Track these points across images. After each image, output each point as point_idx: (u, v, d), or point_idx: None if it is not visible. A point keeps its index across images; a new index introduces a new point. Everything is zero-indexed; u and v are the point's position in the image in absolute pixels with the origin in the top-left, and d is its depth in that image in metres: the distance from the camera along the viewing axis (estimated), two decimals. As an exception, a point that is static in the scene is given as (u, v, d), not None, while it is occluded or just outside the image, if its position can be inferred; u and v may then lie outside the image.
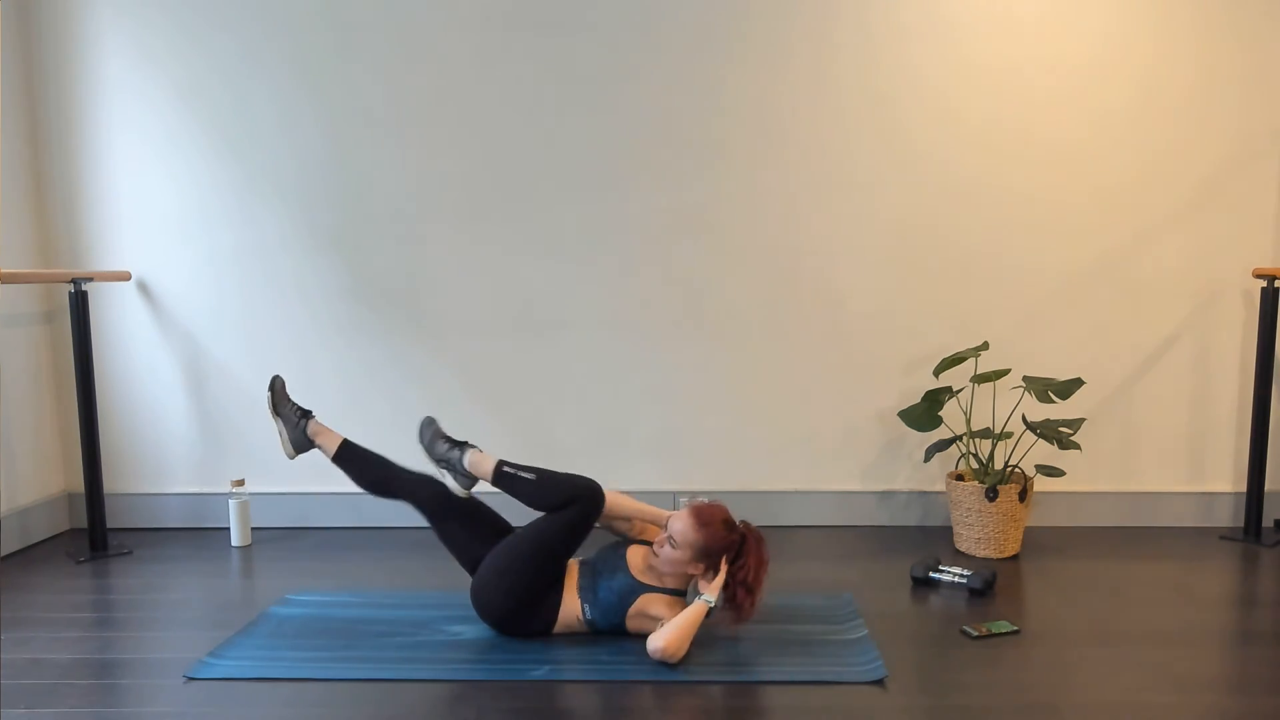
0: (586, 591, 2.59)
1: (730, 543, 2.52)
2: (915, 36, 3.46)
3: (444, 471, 2.68)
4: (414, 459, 2.80)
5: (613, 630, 2.58)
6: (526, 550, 2.55)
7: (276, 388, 2.92)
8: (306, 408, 2.94)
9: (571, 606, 2.59)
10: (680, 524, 2.51)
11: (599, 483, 2.60)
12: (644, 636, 2.55)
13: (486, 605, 2.58)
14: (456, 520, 2.69)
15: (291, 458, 2.89)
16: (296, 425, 2.86)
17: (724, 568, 2.52)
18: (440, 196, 3.57)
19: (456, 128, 3.54)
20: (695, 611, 2.46)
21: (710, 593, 2.50)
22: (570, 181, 3.55)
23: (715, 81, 3.49)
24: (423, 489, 2.72)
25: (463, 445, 2.68)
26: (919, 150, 3.51)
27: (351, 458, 2.82)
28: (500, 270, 3.60)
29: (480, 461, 2.64)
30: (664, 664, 2.41)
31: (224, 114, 3.55)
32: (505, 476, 2.61)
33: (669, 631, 2.42)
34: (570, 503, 2.55)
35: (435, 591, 2.95)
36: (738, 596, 2.50)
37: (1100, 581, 3.04)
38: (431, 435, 2.72)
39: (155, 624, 2.74)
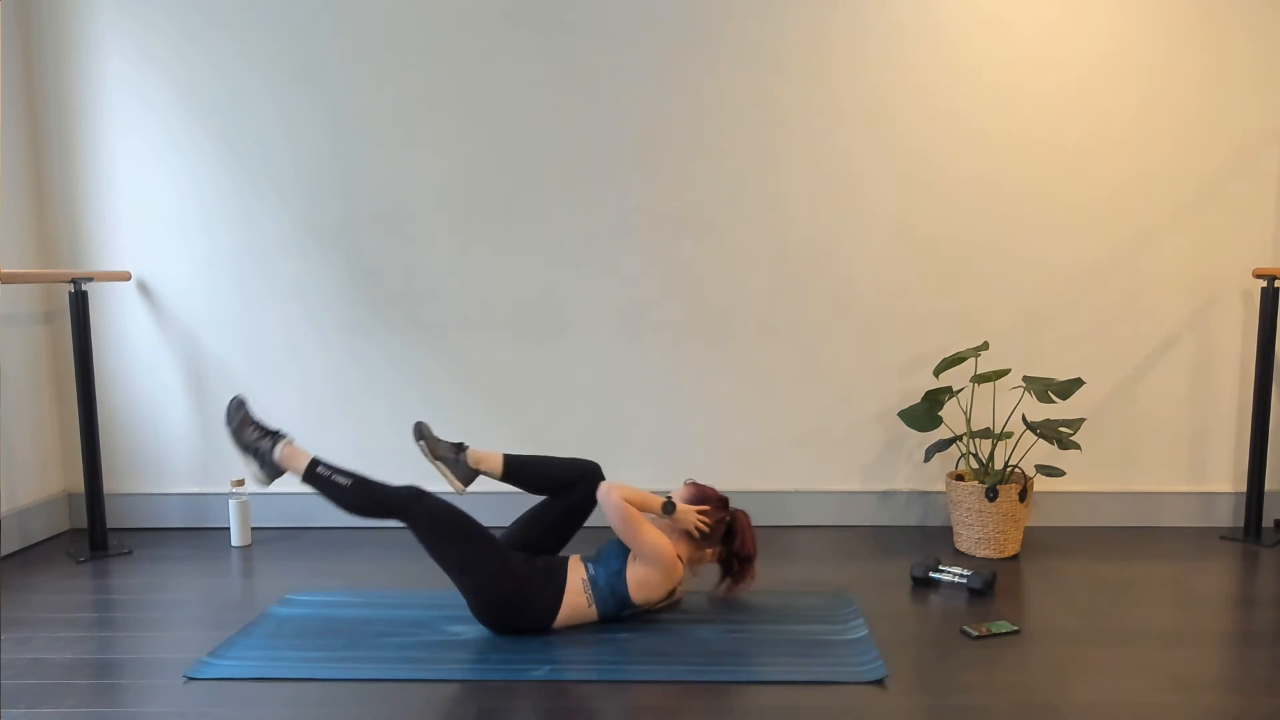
0: (589, 558, 2.68)
1: (719, 499, 2.77)
2: (913, 36, 3.46)
3: (249, 459, 2.62)
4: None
5: (613, 590, 2.60)
6: (454, 559, 2.54)
7: (427, 435, 2.77)
8: (457, 441, 2.82)
9: (576, 572, 2.63)
10: (678, 488, 2.82)
11: (419, 488, 2.59)
12: (646, 612, 2.67)
13: (478, 612, 2.60)
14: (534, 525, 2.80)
15: (461, 494, 2.81)
16: (457, 462, 2.76)
17: (705, 508, 2.71)
18: (440, 197, 3.57)
19: (456, 128, 3.54)
20: (653, 497, 2.64)
21: (677, 500, 2.70)
22: (570, 181, 3.55)
23: (716, 81, 3.49)
24: (589, 473, 2.79)
25: (276, 435, 2.63)
26: (918, 151, 3.51)
27: (518, 470, 2.78)
28: (500, 270, 3.60)
29: (292, 455, 2.60)
30: (602, 503, 2.57)
31: (224, 114, 3.55)
32: (318, 477, 2.58)
33: (622, 487, 2.58)
34: (396, 515, 2.54)
35: (435, 591, 2.95)
36: (742, 570, 2.77)
37: (1100, 581, 3.04)
38: (240, 420, 2.63)
39: (155, 624, 2.74)
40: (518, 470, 2.80)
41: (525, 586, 2.57)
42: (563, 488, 2.79)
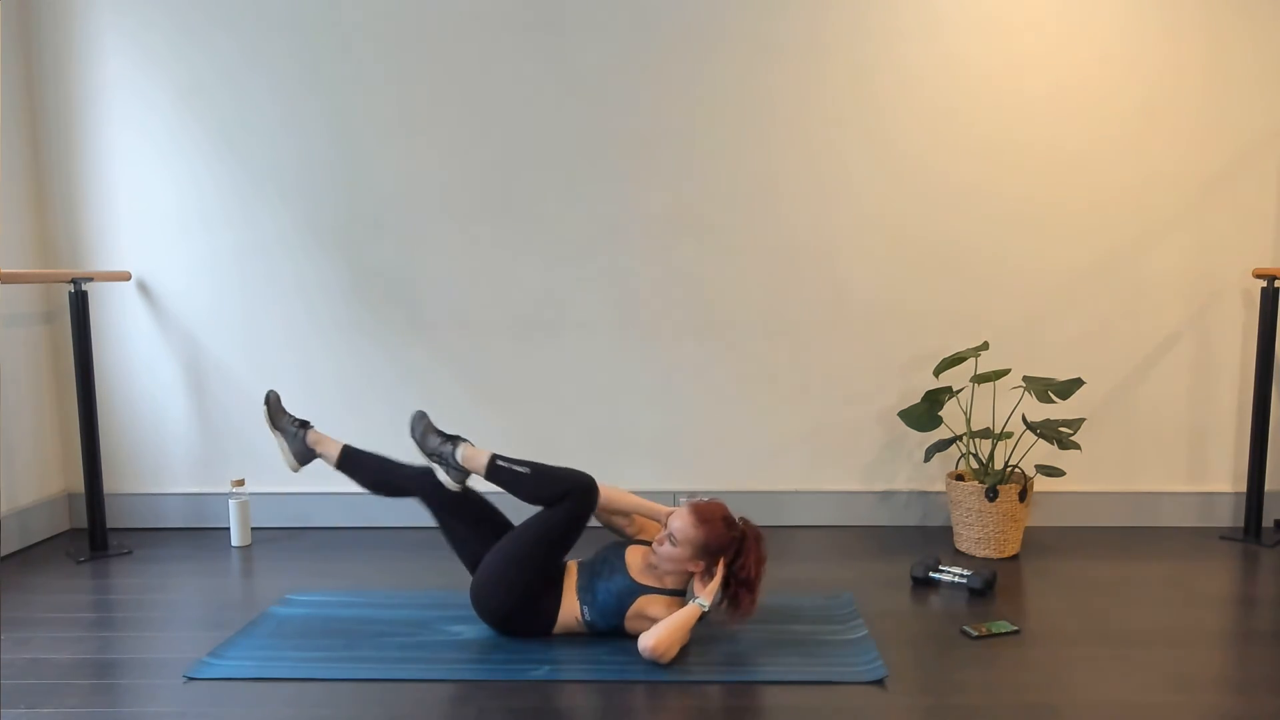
0: (585, 593, 2.58)
1: (730, 540, 2.52)
2: (914, 38, 3.46)
3: (436, 466, 2.67)
4: (414, 457, 2.78)
5: (612, 632, 2.57)
6: (524, 550, 2.55)
7: (271, 402, 2.90)
8: (303, 418, 2.93)
9: (570, 608, 2.58)
10: (680, 521, 2.50)
11: (593, 476, 2.60)
12: None
13: (485, 605, 2.58)
14: (460, 516, 2.70)
15: (295, 470, 2.88)
16: (296, 436, 2.86)
17: (721, 569, 2.52)
18: (441, 196, 3.57)
19: (456, 127, 3.54)
20: (688, 613, 2.46)
21: (705, 596, 2.48)
22: (571, 181, 3.55)
23: (716, 82, 3.49)
24: (428, 483, 2.71)
25: (455, 439, 2.67)
26: (919, 151, 3.51)
27: (354, 463, 2.82)
28: (500, 270, 3.60)
29: (474, 456, 2.63)
30: (655, 664, 2.42)
31: (224, 113, 3.55)
32: (499, 471, 2.60)
33: (660, 631, 2.42)
34: (564, 497, 2.55)
35: (435, 591, 2.95)
36: (738, 595, 2.50)
37: (1100, 581, 3.04)
38: (424, 429, 2.70)
39: (155, 624, 2.74)
40: (354, 463, 2.81)
41: (533, 606, 2.57)
42: (396, 491, 2.76)
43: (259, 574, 3.19)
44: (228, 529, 3.63)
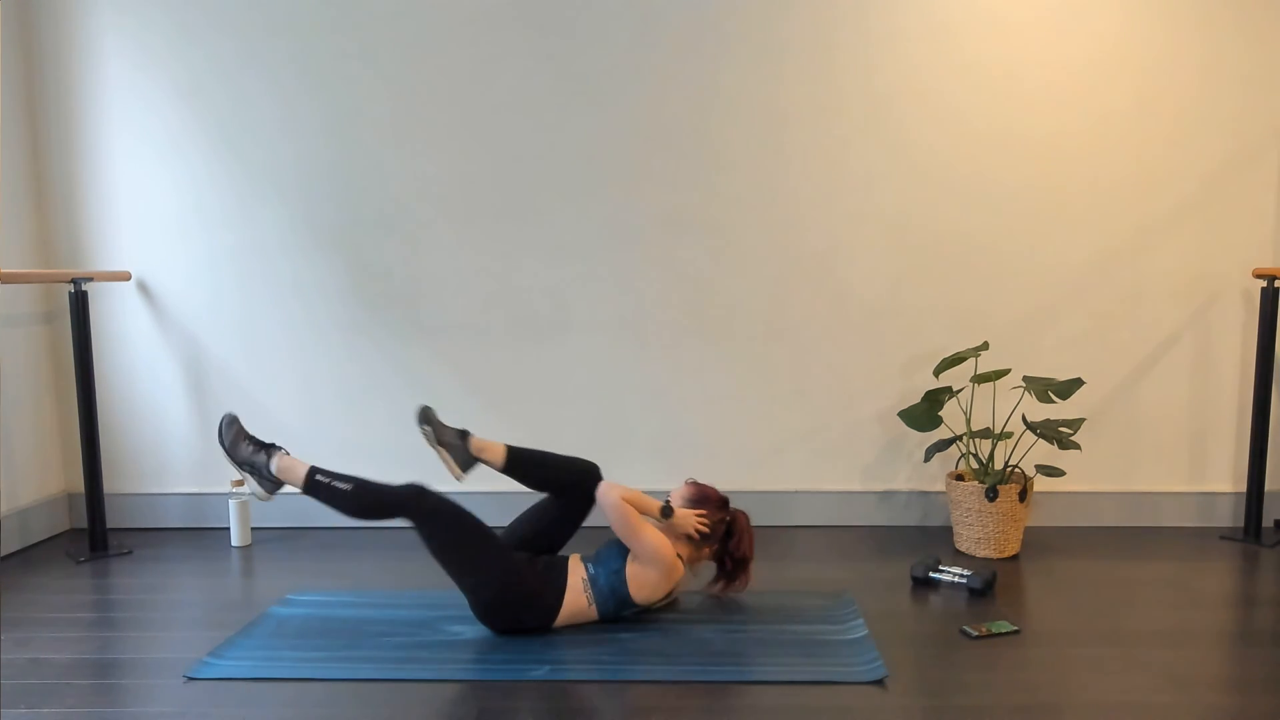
0: (588, 558, 2.68)
1: (720, 498, 2.77)
2: (914, 36, 3.46)
3: (246, 475, 2.65)
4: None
5: (614, 591, 2.60)
6: (456, 562, 2.55)
7: (433, 420, 2.78)
8: (463, 429, 2.83)
9: (576, 572, 2.63)
10: (678, 487, 2.81)
11: (420, 485, 2.59)
12: (646, 611, 2.68)
13: (478, 603, 2.59)
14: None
15: (459, 480, 2.80)
16: (460, 449, 2.77)
17: (704, 512, 2.70)
18: (441, 197, 3.57)
19: (457, 128, 3.54)
20: (652, 500, 2.66)
21: (676, 503, 2.71)
22: (571, 182, 3.55)
23: (716, 82, 3.49)
24: (586, 470, 2.80)
25: (270, 448, 2.66)
26: (919, 151, 3.51)
27: (520, 462, 2.78)
28: (501, 271, 3.60)
29: (291, 467, 2.62)
30: (601, 503, 2.61)
31: (224, 114, 3.55)
32: (318, 486, 2.59)
33: (625, 488, 2.62)
34: (398, 514, 2.55)
35: (435, 591, 2.95)
36: (736, 572, 2.77)
37: (1100, 581, 3.04)
38: (234, 435, 2.66)
39: (155, 624, 2.74)
40: (519, 463, 2.79)
41: (527, 586, 2.57)
42: (561, 488, 2.78)
43: (259, 574, 3.19)
44: (228, 529, 3.63)
